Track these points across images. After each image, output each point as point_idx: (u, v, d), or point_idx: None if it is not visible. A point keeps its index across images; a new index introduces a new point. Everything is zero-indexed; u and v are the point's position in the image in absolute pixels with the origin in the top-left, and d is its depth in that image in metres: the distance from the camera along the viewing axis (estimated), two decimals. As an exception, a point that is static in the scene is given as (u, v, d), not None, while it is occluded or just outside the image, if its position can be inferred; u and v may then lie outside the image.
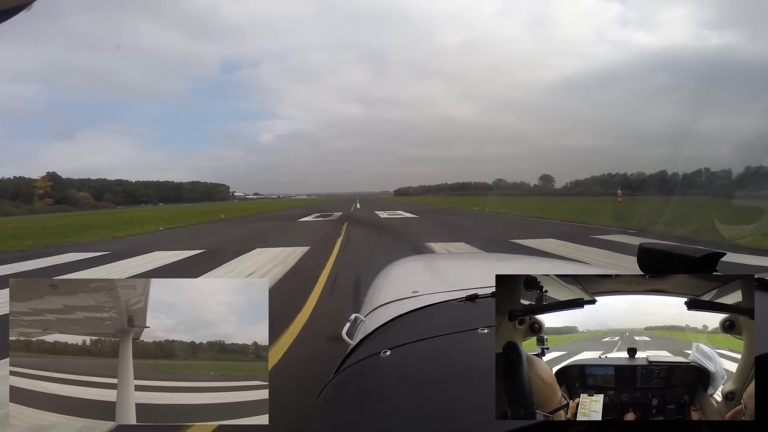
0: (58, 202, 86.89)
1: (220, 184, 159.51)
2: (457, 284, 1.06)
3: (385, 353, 0.59)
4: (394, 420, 0.44)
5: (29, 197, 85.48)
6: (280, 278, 5.40)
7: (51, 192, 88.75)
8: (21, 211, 70.95)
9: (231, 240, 11.04)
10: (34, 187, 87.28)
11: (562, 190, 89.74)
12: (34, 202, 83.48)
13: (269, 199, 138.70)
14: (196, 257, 7.81)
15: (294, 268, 6.15)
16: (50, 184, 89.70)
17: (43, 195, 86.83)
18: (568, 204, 26.75)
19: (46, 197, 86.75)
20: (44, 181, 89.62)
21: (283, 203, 62.44)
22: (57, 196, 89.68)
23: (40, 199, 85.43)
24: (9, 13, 0.49)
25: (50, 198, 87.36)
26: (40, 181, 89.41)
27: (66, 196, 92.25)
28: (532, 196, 73.25)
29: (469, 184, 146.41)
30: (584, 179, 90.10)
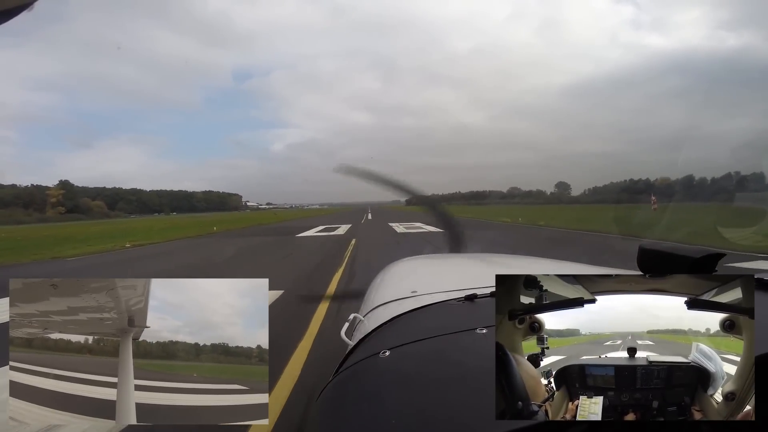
0: (70, 211, 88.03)
1: (233, 193, 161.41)
2: (456, 284, 1.05)
3: (384, 353, 0.59)
4: (394, 420, 0.44)
5: (42, 206, 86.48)
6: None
7: (63, 201, 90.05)
8: (32, 219, 71.90)
9: (183, 266, 8.81)
10: (47, 195, 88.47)
11: (580, 198, 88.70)
12: (46, 211, 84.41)
13: (281, 209, 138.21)
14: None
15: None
16: (62, 193, 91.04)
17: (56, 204, 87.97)
18: (600, 213, 24.10)
19: (58, 206, 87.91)
20: (57, 190, 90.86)
21: (293, 213, 60.91)
22: (69, 204, 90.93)
23: (53, 208, 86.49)
24: (10, 14, 0.50)
25: (62, 206, 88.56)
26: (53, 189, 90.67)
27: (78, 205, 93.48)
28: (549, 204, 72.05)
29: (483, 192, 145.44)
30: (603, 186, 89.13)
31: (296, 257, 8.88)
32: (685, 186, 26.30)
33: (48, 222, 65.76)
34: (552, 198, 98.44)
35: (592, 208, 35.07)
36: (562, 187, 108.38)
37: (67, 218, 77.58)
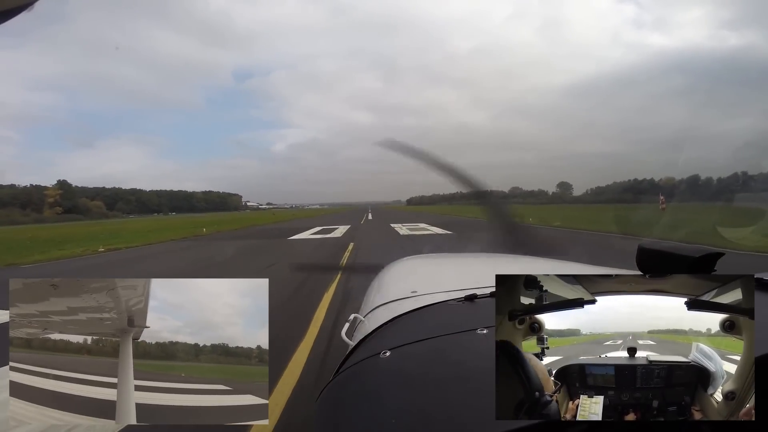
0: (68, 211, 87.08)
1: (233, 193, 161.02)
2: (456, 284, 1.06)
3: (384, 354, 0.59)
4: (394, 420, 0.44)
5: (40, 206, 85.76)
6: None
7: (61, 201, 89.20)
8: (29, 219, 71.51)
9: (138, 277, 7.41)
10: (45, 195, 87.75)
11: (583, 197, 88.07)
12: (44, 211, 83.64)
13: (281, 209, 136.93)
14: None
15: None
16: (60, 193, 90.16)
17: (53, 204, 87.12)
18: (607, 213, 21.58)
19: (56, 206, 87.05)
20: (54, 190, 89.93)
21: (292, 213, 59.57)
22: (67, 204, 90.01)
23: (50, 208, 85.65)
24: (9, 14, 0.50)
25: (60, 207, 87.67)
26: (50, 189, 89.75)
27: (76, 205, 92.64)
28: (552, 204, 71.41)
29: (485, 192, 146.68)
30: (606, 185, 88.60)
31: (279, 269, 7.10)
32: (691, 185, 26.15)
33: (45, 222, 65.12)
34: (554, 198, 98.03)
35: (596, 208, 33.23)
36: (564, 187, 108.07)
37: (64, 219, 76.81)
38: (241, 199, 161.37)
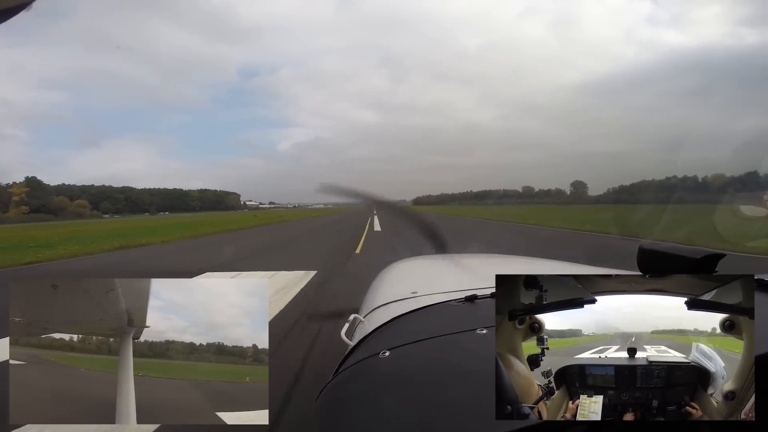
0: (36, 211, 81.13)
1: (230, 192, 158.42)
2: (456, 285, 1.05)
3: (384, 354, 0.59)
4: (394, 421, 0.44)
5: (6, 204, 79.91)
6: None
7: (27, 199, 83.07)
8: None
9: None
10: (10, 193, 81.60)
11: (601, 198, 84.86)
12: (9, 210, 78.13)
13: (283, 208, 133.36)
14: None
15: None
16: (26, 191, 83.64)
17: (19, 202, 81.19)
18: (647, 214, 16.98)
19: (21, 204, 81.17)
20: (20, 187, 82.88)
21: (290, 213, 58.01)
22: (35, 204, 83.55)
23: (16, 207, 79.82)
24: (9, 13, 0.50)
25: (26, 206, 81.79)
26: (15, 186, 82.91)
27: (46, 204, 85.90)
28: (568, 204, 68.80)
29: (496, 191, 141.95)
30: (630, 184, 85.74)
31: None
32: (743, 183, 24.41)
33: (5, 223, 58.48)
34: (573, 197, 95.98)
35: (629, 209, 28.34)
36: (578, 186, 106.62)
37: (30, 219, 70.58)
38: (239, 198, 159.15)
